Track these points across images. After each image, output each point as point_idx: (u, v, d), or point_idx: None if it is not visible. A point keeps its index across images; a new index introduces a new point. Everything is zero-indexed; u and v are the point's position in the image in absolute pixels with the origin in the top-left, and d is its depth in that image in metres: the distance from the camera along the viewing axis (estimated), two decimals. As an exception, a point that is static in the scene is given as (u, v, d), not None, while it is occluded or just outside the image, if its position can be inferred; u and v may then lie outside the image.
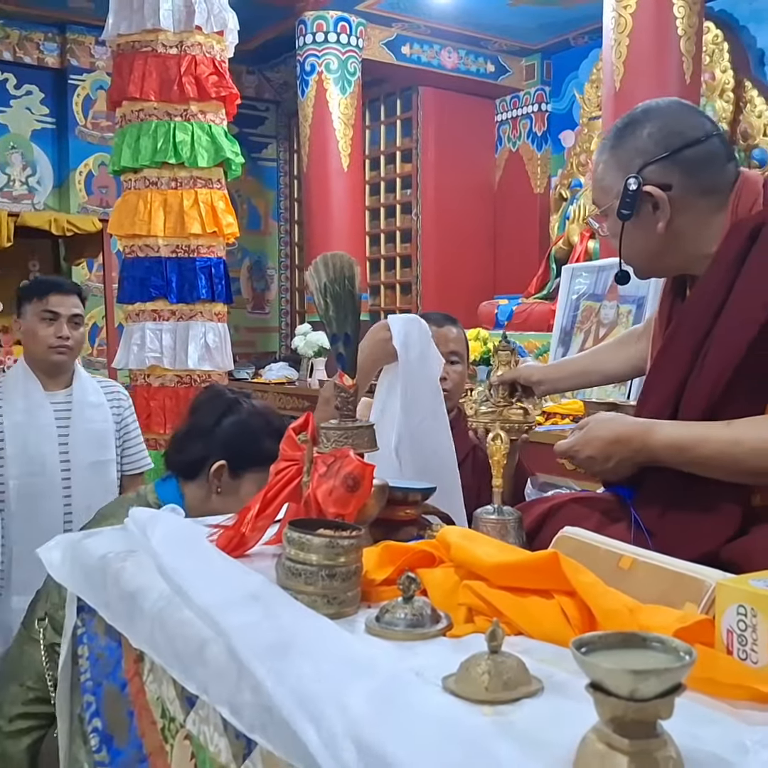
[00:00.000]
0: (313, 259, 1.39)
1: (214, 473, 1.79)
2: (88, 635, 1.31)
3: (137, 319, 4.01)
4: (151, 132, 3.93)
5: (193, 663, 0.98)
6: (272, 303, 8.22)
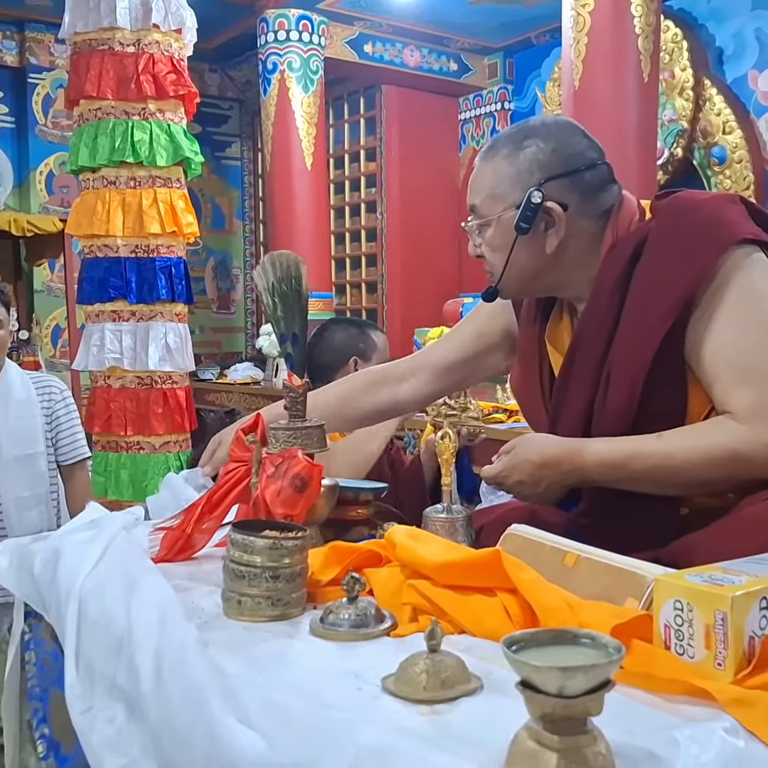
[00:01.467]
0: (262, 259, 1.38)
1: None
2: (35, 641, 1.29)
3: (97, 320, 3.96)
4: (109, 131, 3.88)
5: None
6: (238, 303, 8.17)
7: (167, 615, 1.01)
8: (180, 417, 3.95)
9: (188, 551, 1.31)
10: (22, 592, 1.31)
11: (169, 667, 0.92)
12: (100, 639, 1.09)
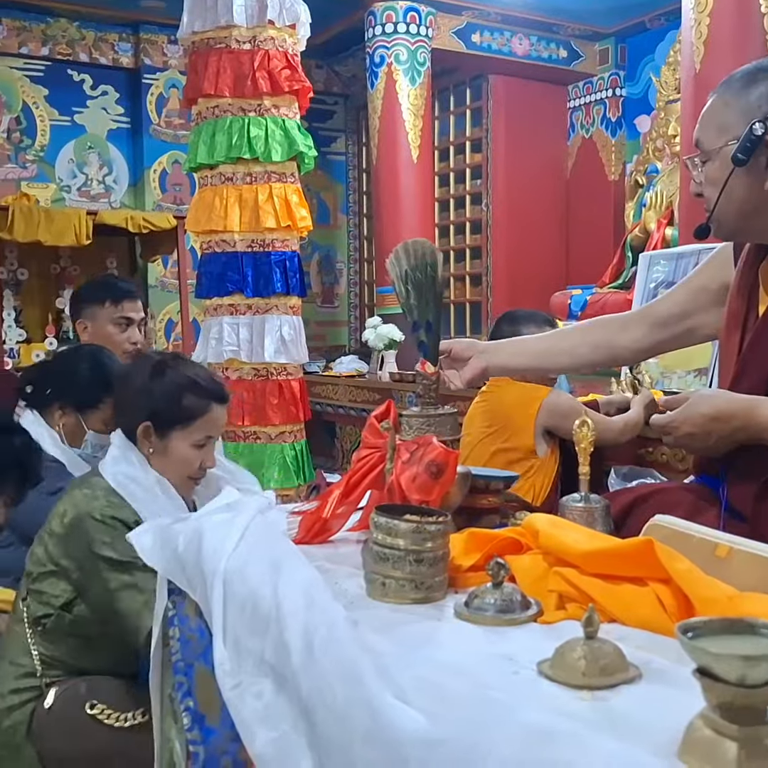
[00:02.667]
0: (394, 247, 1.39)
1: (141, 435, 1.82)
2: (179, 617, 1.34)
3: (215, 313, 4.08)
4: (226, 128, 3.99)
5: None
6: (341, 297, 8.27)
7: (314, 594, 1.04)
8: (294, 408, 4.03)
9: (325, 534, 1.34)
10: (166, 571, 1.36)
11: (320, 645, 0.94)
12: (247, 617, 1.12)
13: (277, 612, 1.05)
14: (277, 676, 1.03)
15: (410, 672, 0.85)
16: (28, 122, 7.01)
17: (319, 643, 0.94)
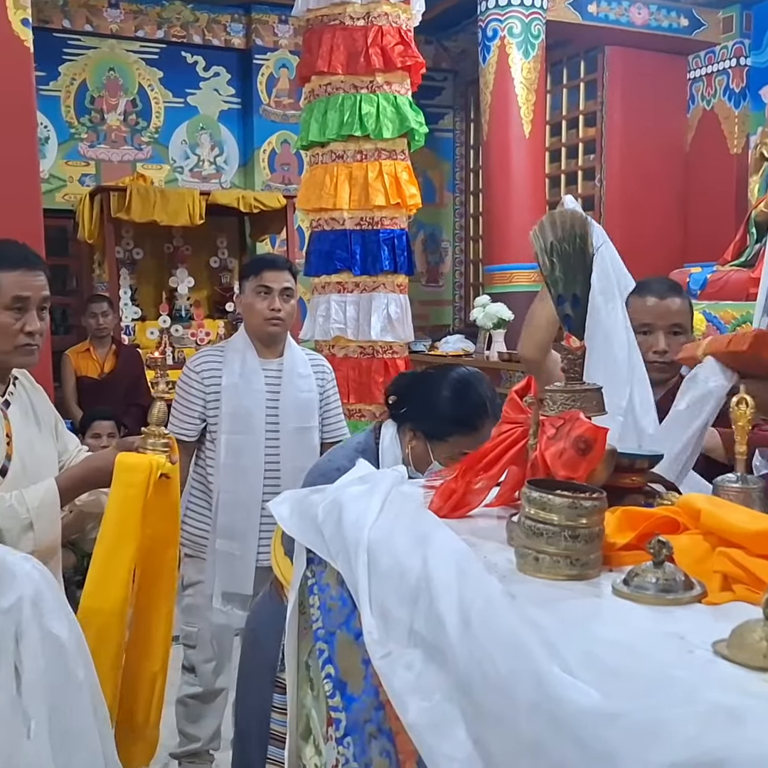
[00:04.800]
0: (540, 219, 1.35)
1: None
2: (318, 586, 1.35)
3: (323, 291, 4.12)
4: (338, 105, 4.00)
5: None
6: (446, 276, 8.23)
7: (465, 567, 1.03)
8: (401, 386, 4.04)
9: (463, 509, 1.33)
10: (306, 540, 1.38)
11: (478, 617, 0.93)
12: (393, 587, 1.12)
13: (428, 584, 1.05)
14: (428, 647, 1.03)
15: (576, 647, 0.83)
16: (143, 104, 7.22)
17: (476, 616, 0.93)
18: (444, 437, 1.85)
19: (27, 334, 1.86)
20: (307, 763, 1.42)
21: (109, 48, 7.02)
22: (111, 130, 7.17)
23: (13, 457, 1.87)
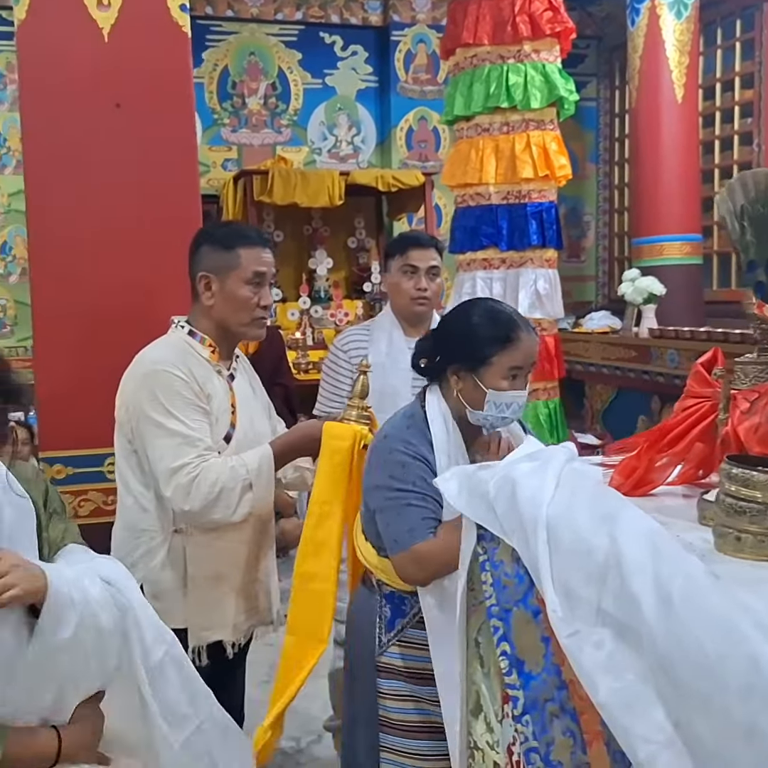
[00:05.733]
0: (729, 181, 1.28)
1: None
2: (491, 563, 1.33)
3: (468, 268, 4.07)
4: (484, 77, 3.93)
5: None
6: (588, 251, 7.99)
7: (660, 545, 0.98)
8: (549, 364, 3.95)
9: (646, 486, 1.28)
10: (476, 516, 1.36)
11: (680, 597, 0.89)
12: (577, 565, 1.08)
13: (618, 562, 1.01)
14: (619, 627, 0.99)
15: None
16: (282, 87, 7.33)
17: (678, 596, 0.89)
18: (487, 360, 1.77)
19: (262, 307, 1.99)
20: (477, 739, 1.41)
21: (249, 32, 7.16)
22: (252, 114, 7.32)
23: (237, 427, 1.99)
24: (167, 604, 1.92)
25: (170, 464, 1.85)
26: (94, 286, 2.60)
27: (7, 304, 7.08)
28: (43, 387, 2.60)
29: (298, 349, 5.94)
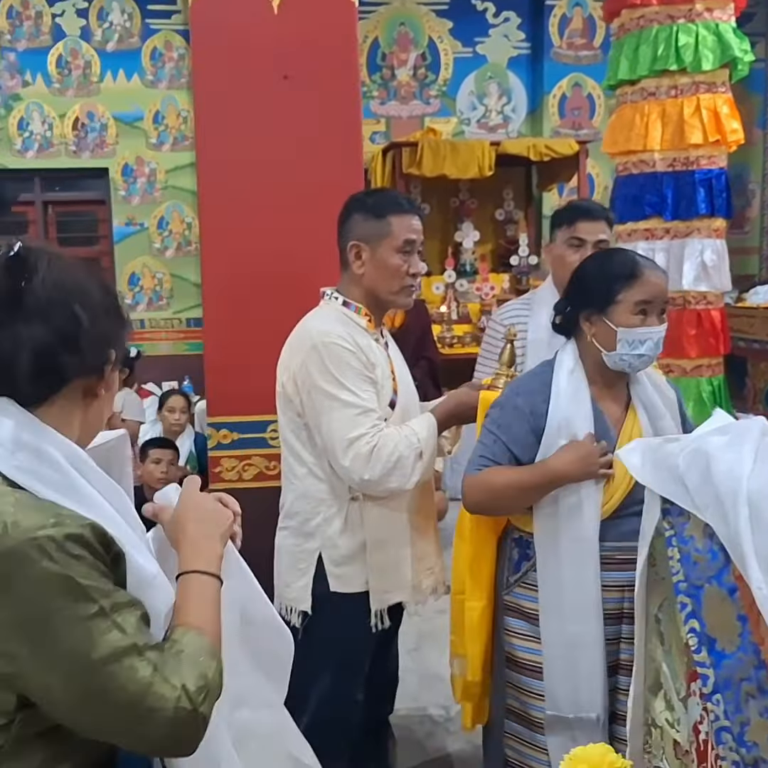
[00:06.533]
0: None
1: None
2: (678, 538, 1.29)
3: (628, 239, 3.94)
4: (651, 39, 3.78)
5: None
6: (753, 221, 7.56)
7: None
8: (714, 339, 3.79)
9: None
10: (663, 490, 1.32)
11: None
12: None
13: None
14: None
15: None
16: (432, 57, 7.28)
17: None
18: (614, 298, 1.77)
19: (412, 275, 2.00)
20: (656, 716, 1.38)
21: (400, 2, 7.13)
22: (401, 86, 7.32)
23: (399, 393, 2.01)
24: (347, 569, 1.99)
25: (347, 435, 1.88)
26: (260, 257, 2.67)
27: (163, 278, 7.41)
28: (211, 356, 2.70)
29: (443, 323, 5.92)
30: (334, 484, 1.98)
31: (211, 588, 1.09)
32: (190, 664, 0.98)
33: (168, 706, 0.95)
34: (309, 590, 2.01)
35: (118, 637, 0.94)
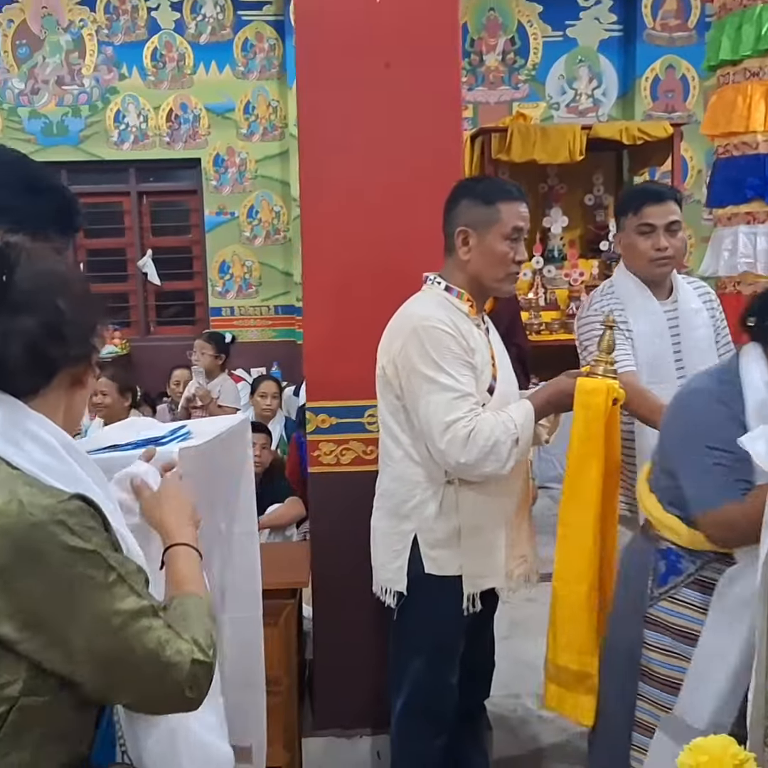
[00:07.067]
0: None
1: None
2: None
3: (728, 223, 3.84)
4: (755, 18, 3.67)
5: None
6: None
7: None
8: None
9: None
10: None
11: None
12: None
13: None
14: None
15: None
16: (521, 42, 7.21)
17: None
18: None
19: (517, 263, 2.00)
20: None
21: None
22: (489, 72, 7.27)
23: (498, 379, 2.02)
24: (442, 552, 2.01)
25: (444, 418, 1.89)
26: (360, 243, 2.68)
27: (252, 266, 7.55)
28: (310, 341, 2.74)
29: (531, 310, 5.87)
30: (430, 467, 1.99)
31: (197, 559, 1.24)
32: (197, 623, 1.10)
33: (185, 659, 1.05)
34: (404, 571, 2.03)
35: (135, 600, 1.04)
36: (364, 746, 2.63)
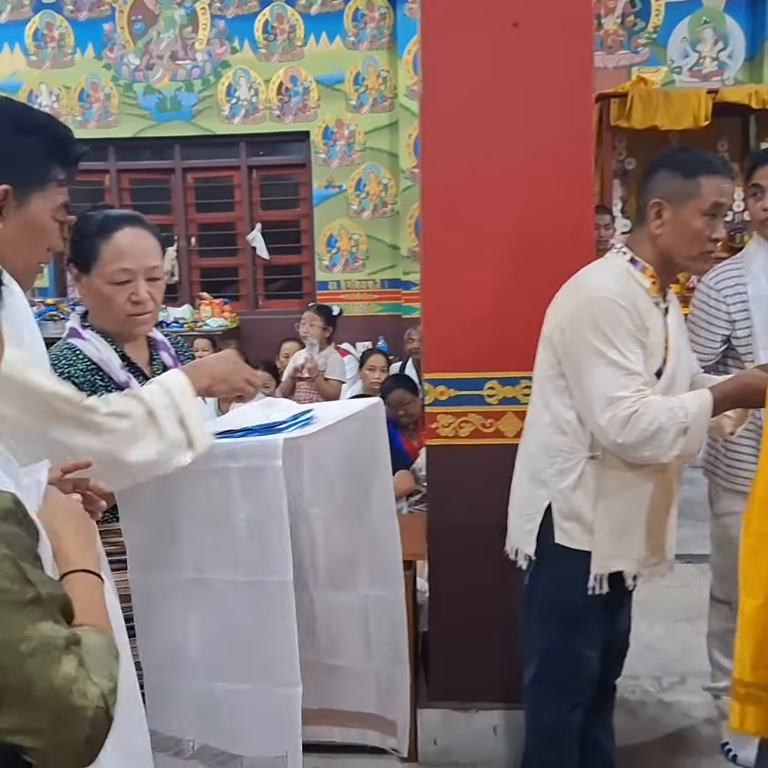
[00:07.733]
0: None
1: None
2: None
3: None
4: None
5: None
6: None
7: None
8: None
9: None
10: None
11: None
12: None
13: None
14: None
15: None
16: (642, 4, 6.91)
17: None
18: None
19: (713, 241, 1.88)
20: None
21: (608, -51, 6.81)
22: (607, 35, 7.00)
23: (668, 363, 1.95)
24: (574, 524, 1.96)
25: (609, 394, 1.83)
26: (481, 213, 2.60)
27: (360, 239, 7.53)
28: (430, 314, 2.70)
29: (650, 283, 5.66)
30: (574, 438, 1.94)
31: (99, 588, 1.06)
32: (100, 663, 0.92)
33: (90, 705, 0.88)
34: (534, 536, 2.01)
35: (50, 628, 0.88)
36: (480, 720, 2.61)
